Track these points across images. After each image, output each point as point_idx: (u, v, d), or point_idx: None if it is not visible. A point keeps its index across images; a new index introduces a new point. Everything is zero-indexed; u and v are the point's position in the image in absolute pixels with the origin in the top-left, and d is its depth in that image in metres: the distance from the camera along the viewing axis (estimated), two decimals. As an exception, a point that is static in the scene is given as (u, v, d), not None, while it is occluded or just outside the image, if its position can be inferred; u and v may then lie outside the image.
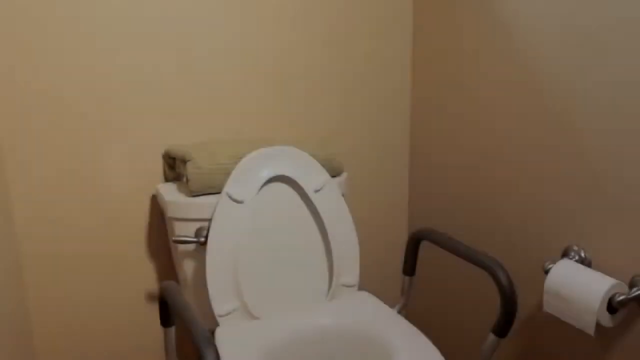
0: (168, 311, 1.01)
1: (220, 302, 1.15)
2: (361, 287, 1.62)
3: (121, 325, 1.35)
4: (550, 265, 1.10)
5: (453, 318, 1.50)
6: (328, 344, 1.15)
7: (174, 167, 1.29)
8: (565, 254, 1.12)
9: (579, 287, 1.01)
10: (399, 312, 1.25)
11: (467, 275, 1.43)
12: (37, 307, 1.27)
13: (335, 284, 1.24)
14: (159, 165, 1.31)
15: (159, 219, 1.34)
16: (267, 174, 1.18)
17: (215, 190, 1.18)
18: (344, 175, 1.32)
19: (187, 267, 1.21)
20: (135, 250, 1.33)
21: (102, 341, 1.34)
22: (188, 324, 0.83)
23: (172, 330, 1.03)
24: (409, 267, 1.23)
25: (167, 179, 1.32)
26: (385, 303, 1.57)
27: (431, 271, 1.56)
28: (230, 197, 1.15)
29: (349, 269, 1.26)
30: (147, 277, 1.35)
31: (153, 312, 1.38)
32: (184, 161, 1.21)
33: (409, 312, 1.68)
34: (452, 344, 1.52)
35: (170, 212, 1.18)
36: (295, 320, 1.17)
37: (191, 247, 1.20)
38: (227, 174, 1.18)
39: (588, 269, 1.03)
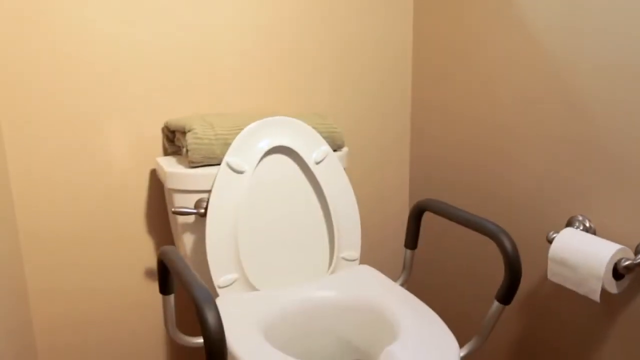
0: (167, 278, 0.99)
1: (220, 273, 1.14)
2: (362, 262, 1.61)
3: (120, 299, 1.34)
4: (554, 235, 1.08)
5: (455, 290, 1.49)
6: (329, 316, 1.13)
7: (173, 140, 1.28)
8: (569, 225, 1.11)
9: (584, 253, 0.99)
10: (401, 285, 1.23)
11: (468, 247, 1.42)
12: (36, 284, 1.25)
13: (336, 257, 1.23)
14: (158, 140, 1.30)
15: (158, 194, 1.32)
16: (267, 144, 1.16)
17: (215, 161, 1.17)
18: (345, 150, 1.31)
19: (187, 240, 1.20)
20: (135, 225, 1.31)
21: (101, 316, 1.33)
22: (188, 284, 0.81)
23: (172, 298, 1.02)
24: (411, 240, 1.21)
25: (166, 153, 1.31)
26: (386, 283, 1.56)
27: (431, 244, 1.55)
28: (230, 167, 1.14)
29: (350, 242, 1.25)
30: (146, 252, 1.34)
31: (152, 287, 1.36)
32: (184, 132, 1.20)
33: (411, 286, 1.66)
34: (456, 315, 1.50)
35: (169, 184, 1.17)
36: (296, 292, 1.15)
37: (191, 219, 1.18)
38: (227, 144, 1.17)
39: (593, 236, 1.02)
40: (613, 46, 0.99)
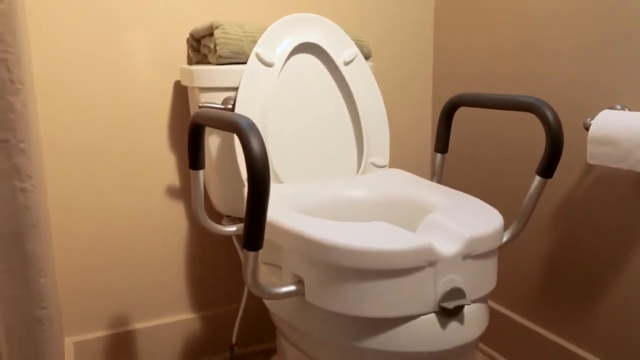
0: (199, 149, 0.95)
1: (249, 167, 1.10)
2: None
3: (140, 220, 1.29)
4: (591, 121, 1.06)
5: (489, 195, 1.44)
6: (360, 210, 1.09)
7: (199, 50, 1.26)
8: (605, 116, 1.09)
9: (626, 126, 0.97)
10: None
11: (499, 144, 1.38)
12: (55, 200, 1.21)
13: (365, 161, 1.20)
14: (182, 53, 1.28)
15: (182, 107, 1.30)
16: (296, 40, 1.15)
17: (243, 57, 1.15)
18: (371, 63, 1.29)
19: (213, 143, 1.17)
20: (157, 138, 1.28)
21: (120, 237, 1.28)
22: (229, 117, 0.78)
23: (201, 174, 0.98)
24: (442, 142, 1.18)
25: (190, 64, 1.29)
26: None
27: (460, 148, 1.51)
28: (259, 58, 1.12)
29: (379, 148, 1.22)
30: (167, 169, 1.30)
31: (174, 207, 1.32)
32: (211, 34, 1.18)
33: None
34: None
35: (196, 82, 1.14)
36: (325, 188, 1.11)
37: (217, 117, 1.16)
38: (255, 42, 1.16)
39: (634, 112, 1.00)
40: None
